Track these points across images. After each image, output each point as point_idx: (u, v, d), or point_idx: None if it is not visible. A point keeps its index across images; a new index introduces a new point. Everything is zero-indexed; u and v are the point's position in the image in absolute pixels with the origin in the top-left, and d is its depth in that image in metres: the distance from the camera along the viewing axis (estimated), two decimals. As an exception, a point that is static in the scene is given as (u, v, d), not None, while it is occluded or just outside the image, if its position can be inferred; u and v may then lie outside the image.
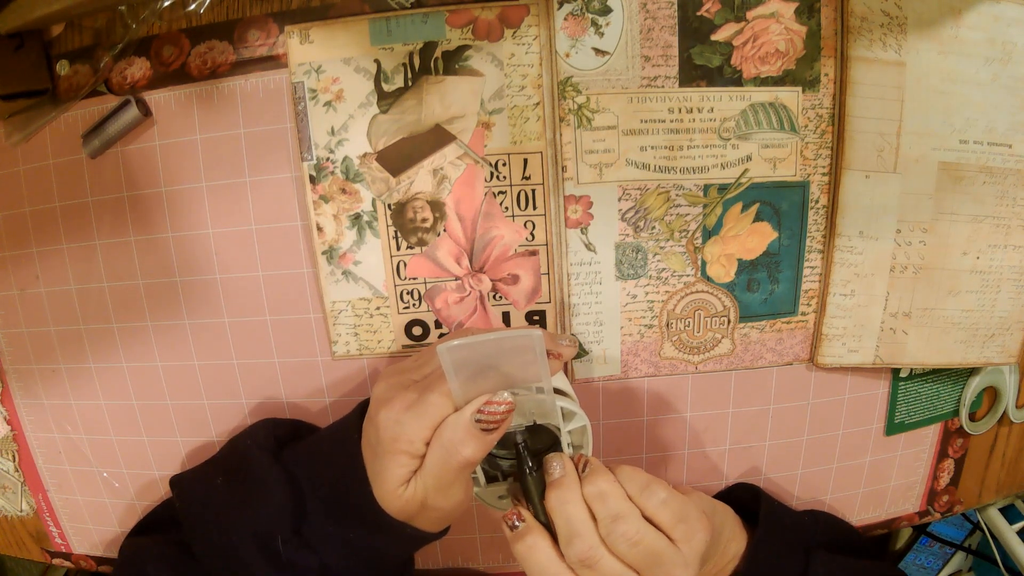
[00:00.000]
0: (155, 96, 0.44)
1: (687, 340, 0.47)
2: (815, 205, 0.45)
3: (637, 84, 0.42)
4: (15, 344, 0.50)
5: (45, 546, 0.56)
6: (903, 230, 0.45)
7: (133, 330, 0.48)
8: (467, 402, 0.33)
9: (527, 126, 0.43)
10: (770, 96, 0.43)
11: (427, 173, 0.43)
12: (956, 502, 0.57)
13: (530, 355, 0.31)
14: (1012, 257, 0.46)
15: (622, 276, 0.45)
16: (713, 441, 0.50)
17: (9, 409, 0.52)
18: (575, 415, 0.37)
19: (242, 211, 0.45)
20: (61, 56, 0.44)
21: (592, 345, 0.47)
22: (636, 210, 0.44)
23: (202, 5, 0.41)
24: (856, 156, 0.44)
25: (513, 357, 0.32)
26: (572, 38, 0.42)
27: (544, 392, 0.34)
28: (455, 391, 0.33)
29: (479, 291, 0.46)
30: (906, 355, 0.48)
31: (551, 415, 0.36)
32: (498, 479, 0.39)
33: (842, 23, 0.42)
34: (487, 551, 0.52)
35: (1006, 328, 0.48)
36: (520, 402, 0.34)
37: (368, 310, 0.46)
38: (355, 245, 0.45)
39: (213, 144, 0.44)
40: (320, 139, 0.43)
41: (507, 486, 0.39)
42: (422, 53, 0.42)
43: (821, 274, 0.46)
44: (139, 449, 0.51)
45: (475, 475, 0.38)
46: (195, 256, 0.46)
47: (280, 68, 0.43)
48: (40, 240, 0.47)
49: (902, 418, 0.51)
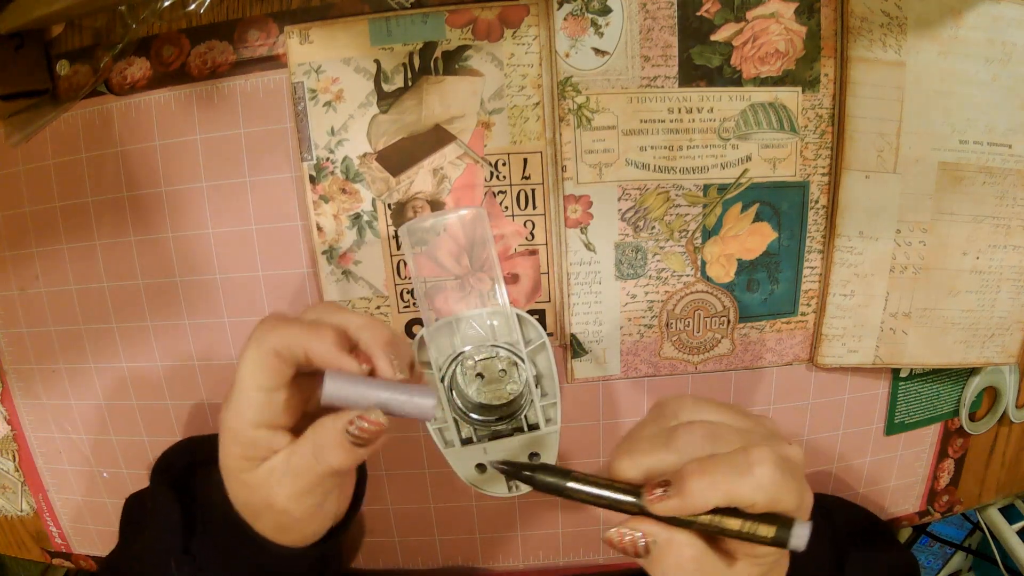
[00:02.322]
0: (155, 96, 0.44)
1: (687, 340, 0.47)
2: (815, 205, 0.45)
3: (637, 84, 0.42)
4: (15, 344, 0.50)
5: (45, 546, 0.56)
6: (903, 230, 0.45)
7: (133, 330, 0.48)
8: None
9: (527, 126, 0.43)
10: (770, 96, 0.43)
11: (427, 173, 0.43)
12: (956, 502, 0.57)
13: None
14: (1012, 257, 0.46)
15: (622, 276, 0.45)
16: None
17: (9, 409, 0.52)
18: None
19: (242, 211, 0.45)
20: (61, 56, 0.44)
21: (592, 345, 0.47)
22: (636, 210, 0.44)
23: (202, 5, 0.41)
24: (856, 156, 0.44)
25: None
26: (572, 38, 0.42)
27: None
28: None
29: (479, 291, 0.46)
30: (906, 355, 0.48)
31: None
32: (473, 441, 0.38)
33: (842, 23, 0.42)
34: (487, 551, 0.52)
35: (1006, 328, 0.48)
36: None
37: (368, 309, 0.46)
38: (355, 245, 0.45)
39: (213, 144, 0.44)
40: (320, 139, 0.43)
41: (489, 463, 0.35)
42: (422, 53, 0.42)
43: (821, 274, 0.46)
44: (139, 449, 0.51)
45: (445, 433, 0.37)
46: (195, 256, 0.46)
47: (280, 68, 0.43)
48: (40, 240, 0.47)
49: (902, 418, 0.51)
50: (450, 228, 0.43)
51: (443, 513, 0.51)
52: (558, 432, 0.44)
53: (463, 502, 0.50)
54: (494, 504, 0.50)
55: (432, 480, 0.50)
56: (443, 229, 0.43)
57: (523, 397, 0.44)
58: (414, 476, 0.50)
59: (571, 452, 0.49)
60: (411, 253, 0.43)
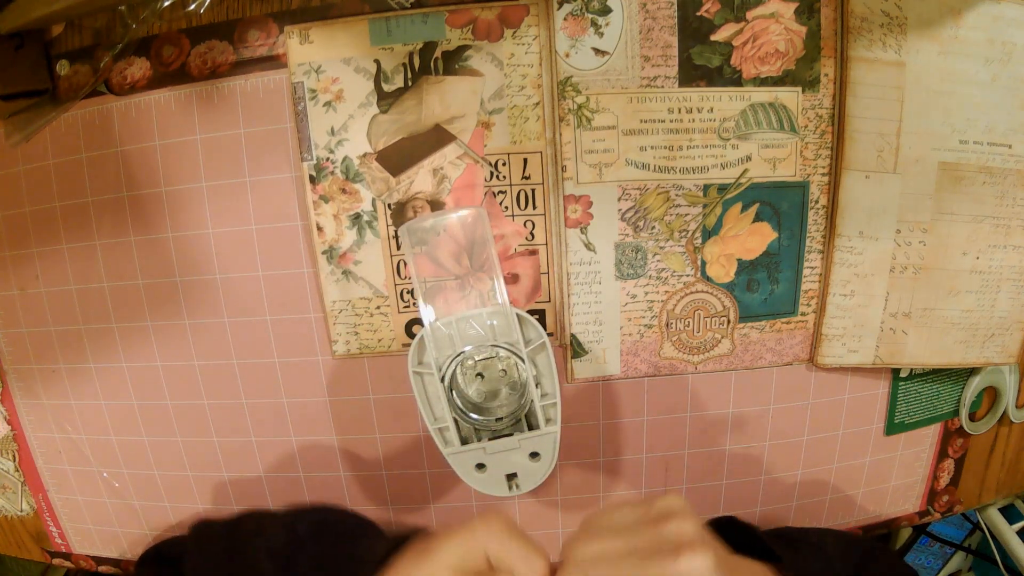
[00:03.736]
0: (155, 96, 0.44)
1: (687, 340, 0.47)
2: (815, 205, 0.45)
3: (637, 84, 0.42)
4: (15, 344, 0.50)
5: (45, 546, 0.56)
6: (903, 230, 0.45)
7: (133, 330, 0.48)
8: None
9: (527, 126, 0.43)
10: (770, 96, 0.43)
11: (427, 173, 0.43)
12: (956, 502, 0.57)
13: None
14: (1012, 257, 0.46)
15: (622, 276, 0.45)
16: (713, 441, 0.50)
17: (9, 409, 0.52)
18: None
19: (242, 211, 0.45)
20: (61, 56, 0.44)
21: (592, 345, 0.47)
22: (636, 210, 0.44)
23: (202, 5, 0.41)
24: (856, 156, 0.44)
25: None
26: (572, 38, 0.42)
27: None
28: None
29: (479, 290, 0.46)
30: (906, 355, 0.48)
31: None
32: (472, 440, 0.39)
33: (842, 23, 0.42)
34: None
35: (1006, 328, 0.48)
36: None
37: (368, 309, 0.46)
38: (355, 245, 0.45)
39: (213, 144, 0.44)
40: (320, 139, 0.43)
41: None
42: (422, 53, 0.42)
43: (821, 274, 0.46)
44: (139, 449, 0.51)
45: (445, 433, 0.37)
46: (195, 256, 0.46)
47: (280, 68, 0.43)
48: (40, 240, 0.47)
49: (902, 418, 0.51)
50: (450, 228, 0.43)
51: (443, 513, 0.51)
52: (558, 432, 0.44)
53: (463, 502, 0.50)
54: (494, 504, 0.50)
55: (432, 480, 0.50)
56: (443, 229, 0.43)
57: (523, 397, 0.44)
58: (414, 476, 0.50)
59: (571, 452, 0.49)
60: (411, 253, 0.43)
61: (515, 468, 0.45)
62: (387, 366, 0.47)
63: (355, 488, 0.50)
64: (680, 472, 0.51)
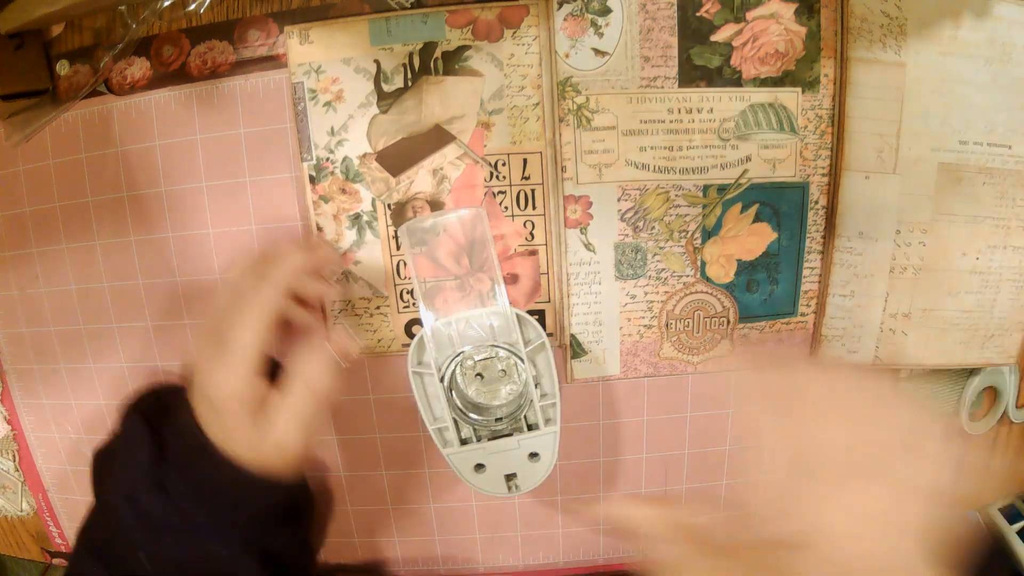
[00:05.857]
0: (155, 96, 0.44)
1: (686, 340, 0.47)
2: (814, 206, 0.45)
3: (636, 84, 0.42)
4: (15, 344, 0.50)
5: (45, 546, 0.56)
6: (902, 231, 0.45)
7: (133, 330, 0.48)
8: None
9: (527, 126, 0.43)
10: (770, 97, 0.43)
11: (427, 173, 0.43)
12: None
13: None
14: (1011, 258, 0.46)
15: (621, 276, 0.45)
16: (713, 441, 0.50)
17: (9, 409, 0.52)
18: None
19: (242, 211, 0.45)
20: (61, 56, 0.44)
21: (592, 345, 0.47)
22: (635, 210, 0.44)
23: (202, 5, 0.41)
24: (856, 157, 0.44)
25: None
26: (572, 38, 0.42)
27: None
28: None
29: (479, 291, 0.46)
30: (906, 356, 0.48)
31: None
32: (471, 441, 0.39)
33: (842, 24, 0.42)
34: (487, 551, 0.52)
35: (1005, 329, 0.48)
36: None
37: (368, 309, 0.46)
38: (355, 245, 0.45)
39: (213, 144, 0.44)
40: (320, 139, 0.43)
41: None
42: (422, 53, 0.42)
43: (820, 275, 0.46)
44: (139, 449, 0.51)
45: (445, 433, 0.38)
46: (195, 256, 0.46)
47: (280, 68, 0.43)
48: (40, 240, 0.47)
49: (902, 418, 0.51)
50: (450, 228, 0.43)
51: (443, 513, 0.51)
52: (558, 432, 0.44)
53: (463, 502, 0.50)
54: (494, 504, 0.50)
55: (432, 480, 0.50)
56: (443, 229, 0.43)
57: (523, 397, 0.44)
58: (414, 476, 0.50)
59: (571, 452, 0.49)
60: (411, 253, 0.43)
61: (514, 468, 0.45)
62: (387, 366, 0.47)
63: (355, 488, 0.50)
64: (680, 472, 0.51)
